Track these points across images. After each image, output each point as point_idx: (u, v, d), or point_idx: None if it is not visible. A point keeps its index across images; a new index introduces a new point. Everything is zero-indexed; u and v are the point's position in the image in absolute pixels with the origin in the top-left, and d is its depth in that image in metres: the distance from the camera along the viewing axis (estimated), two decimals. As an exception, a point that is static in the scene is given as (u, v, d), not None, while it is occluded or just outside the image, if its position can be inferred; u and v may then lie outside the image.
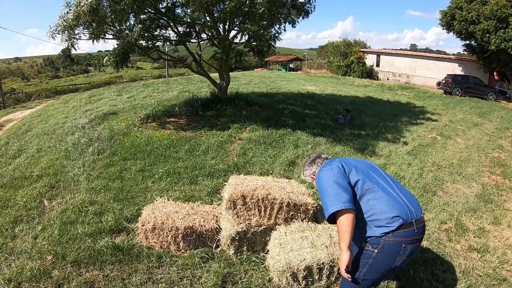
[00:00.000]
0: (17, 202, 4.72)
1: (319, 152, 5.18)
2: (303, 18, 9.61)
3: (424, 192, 5.18)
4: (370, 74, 30.50)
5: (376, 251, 2.14)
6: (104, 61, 8.53)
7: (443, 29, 22.71)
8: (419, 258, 3.35)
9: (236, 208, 3.06)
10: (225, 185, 3.47)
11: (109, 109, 11.09)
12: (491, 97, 19.91)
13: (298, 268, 2.62)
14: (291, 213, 3.08)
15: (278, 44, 9.83)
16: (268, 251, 3.02)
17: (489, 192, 5.47)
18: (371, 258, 2.17)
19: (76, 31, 8.14)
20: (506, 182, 6.03)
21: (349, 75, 30.78)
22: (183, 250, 3.32)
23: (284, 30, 9.52)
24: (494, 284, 3.13)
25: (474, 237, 3.98)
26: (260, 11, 7.55)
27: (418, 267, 3.21)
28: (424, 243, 3.72)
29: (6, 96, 26.97)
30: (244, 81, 18.16)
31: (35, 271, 3.10)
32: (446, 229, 4.09)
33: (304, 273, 2.63)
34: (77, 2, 7.27)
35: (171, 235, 3.25)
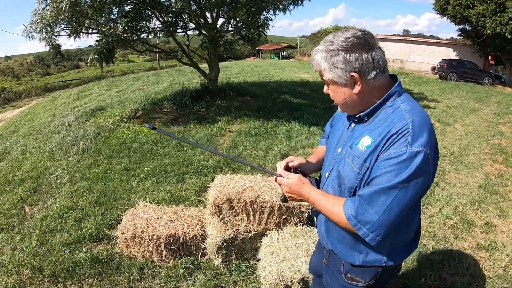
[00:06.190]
0: (-2, 209, 4.38)
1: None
2: (296, 4, 9.20)
3: (425, 184, 4.89)
4: (363, 60, 30.14)
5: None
6: (88, 62, 8.09)
7: (437, 13, 22.42)
8: (426, 261, 3.07)
9: (222, 213, 2.73)
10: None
11: (97, 105, 10.73)
12: (486, 82, 19.69)
13: (292, 280, 2.32)
14: (284, 217, 2.76)
15: (269, 32, 9.45)
16: (259, 259, 2.71)
17: (493, 182, 5.19)
18: None
19: (56, 28, 7.68)
20: (509, 171, 5.76)
21: (342, 61, 30.48)
22: (166, 260, 3.00)
23: (275, 16, 9.13)
24: (506, 287, 2.87)
25: (481, 233, 3.72)
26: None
27: (425, 272, 2.93)
28: (430, 242, 3.44)
29: (-4, 96, 26.44)
30: (236, 71, 17.77)
31: (10, 288, 2.79)
32: (451, 225, 3.81)
33: (299, 286, 2.33)
34: (55, -4, 6.82)
35: (153, 244, 2.93)
